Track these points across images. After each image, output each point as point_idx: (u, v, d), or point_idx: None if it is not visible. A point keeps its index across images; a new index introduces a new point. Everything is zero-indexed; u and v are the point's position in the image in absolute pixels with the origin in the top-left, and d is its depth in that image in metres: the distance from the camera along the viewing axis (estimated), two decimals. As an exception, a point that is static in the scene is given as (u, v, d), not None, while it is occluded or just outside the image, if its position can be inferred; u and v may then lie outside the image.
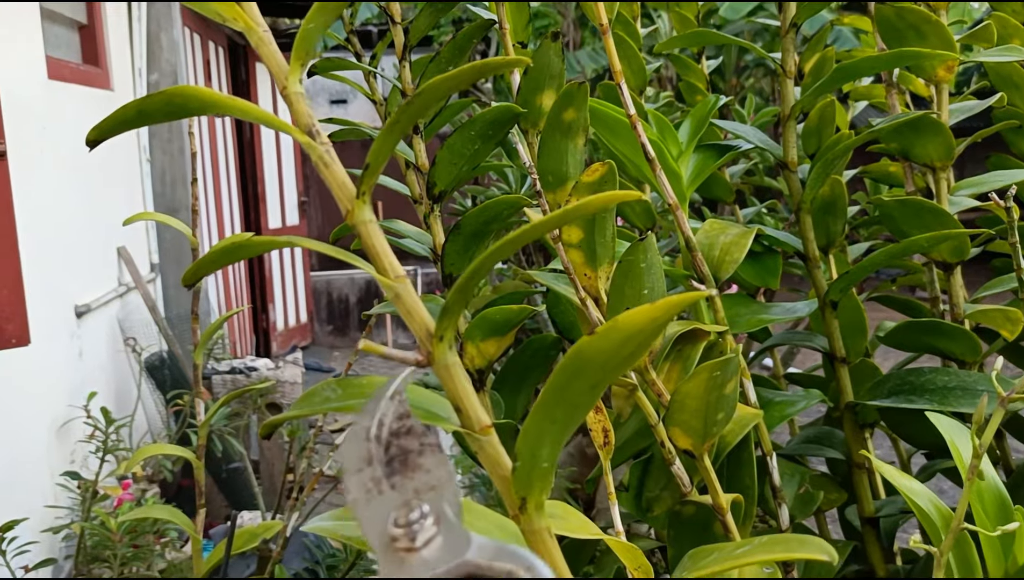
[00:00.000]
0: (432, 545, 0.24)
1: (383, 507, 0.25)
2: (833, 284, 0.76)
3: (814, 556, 0.31)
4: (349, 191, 0.33)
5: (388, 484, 0.26)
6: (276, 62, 0.33)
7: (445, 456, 0.26)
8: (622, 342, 0.29)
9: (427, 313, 0.33)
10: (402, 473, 0.26)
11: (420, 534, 0.24)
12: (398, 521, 0.25)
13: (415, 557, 0.24)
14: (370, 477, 0.26)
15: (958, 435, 0.58)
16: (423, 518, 0.25)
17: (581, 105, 0.62)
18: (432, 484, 0.26)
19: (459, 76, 0.32)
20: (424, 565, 0.24)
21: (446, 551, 0.24)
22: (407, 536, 0.24)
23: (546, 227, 0.32)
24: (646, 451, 0.72)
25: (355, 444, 0.26)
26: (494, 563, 0.24)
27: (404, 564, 0.24)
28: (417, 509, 0.25)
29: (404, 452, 0.26)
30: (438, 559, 0.24)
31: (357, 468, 0.26)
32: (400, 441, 0.26)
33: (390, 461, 0.26)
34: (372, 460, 0.26)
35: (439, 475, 0.26)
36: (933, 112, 0.79)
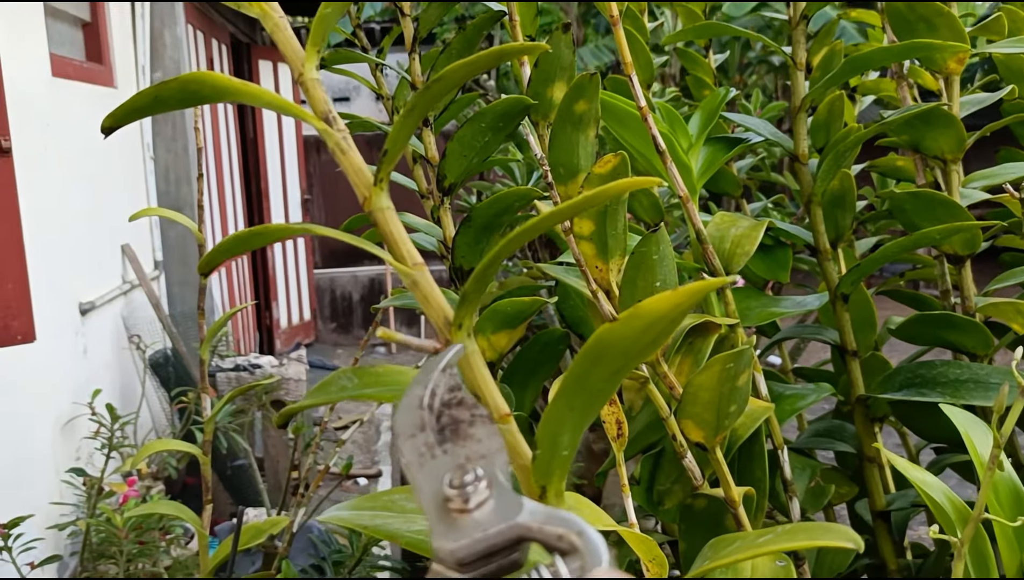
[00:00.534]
0: (484, 507, 0.25)
1: (436, 470, 0.26)
2: (844, 277, 0.76)
3: (838, 543, 0.30)
4: (366, 178, 0.33)
5: (441, 450, 0.26)
6: (292, 48, 0.33)
7: (496, 427, 0.27)
8: (644, 329, 0.29)
9: (445, 301, 0.33)
10: (454, 441, 0.26)
11: (473, 496, 0.25)
12: (452, 482, 0.25)
13: (467, 518, 0.25)
14: (423, 442, 0.26)
15: (972, 428, 0.58)
16: (477, 481, 0.25)
17: (592, 97, 0.61)
18: (483, 453, 0.26)
19: (477, 61, 0.32)
20: (476, 526, 0.24)
21: (498, 513, 0.25)
22: (461, 497, 0.25)
23: (565, 214, 0.31)
24: (656, 445, 0.72)
25: (408, 411, 0.27)
26: (545, 527, 0.24)
27: (456, 524, 0.24)
28: (472, 472, 0.25)
29: (455, 422, 0.27)
30: (490, 521, 0.24)
31: (410, 433, 0.26)
32: (452, 411, 0.27)
33: (442, 429, 0.26)
34: (425, 426, 0.26)
35: (490, 445, 0.26)
36: (944, 104, 0.78)
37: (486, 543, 0.24)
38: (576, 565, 0.23)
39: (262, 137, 5.58)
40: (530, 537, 0.24)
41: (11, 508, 1.74)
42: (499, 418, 0.32)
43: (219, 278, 4.46)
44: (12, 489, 2.17)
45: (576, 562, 0.23)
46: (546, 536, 0.24)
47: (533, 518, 0.24)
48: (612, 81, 0.92)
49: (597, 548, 0.24)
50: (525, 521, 0.24)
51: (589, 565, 0.23)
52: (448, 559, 0.24)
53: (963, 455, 0.84)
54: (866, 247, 1.13)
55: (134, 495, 2.00)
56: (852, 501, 0.89)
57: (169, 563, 1.96)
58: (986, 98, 0.85)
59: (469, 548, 0.24)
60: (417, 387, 0.28)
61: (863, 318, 0.85)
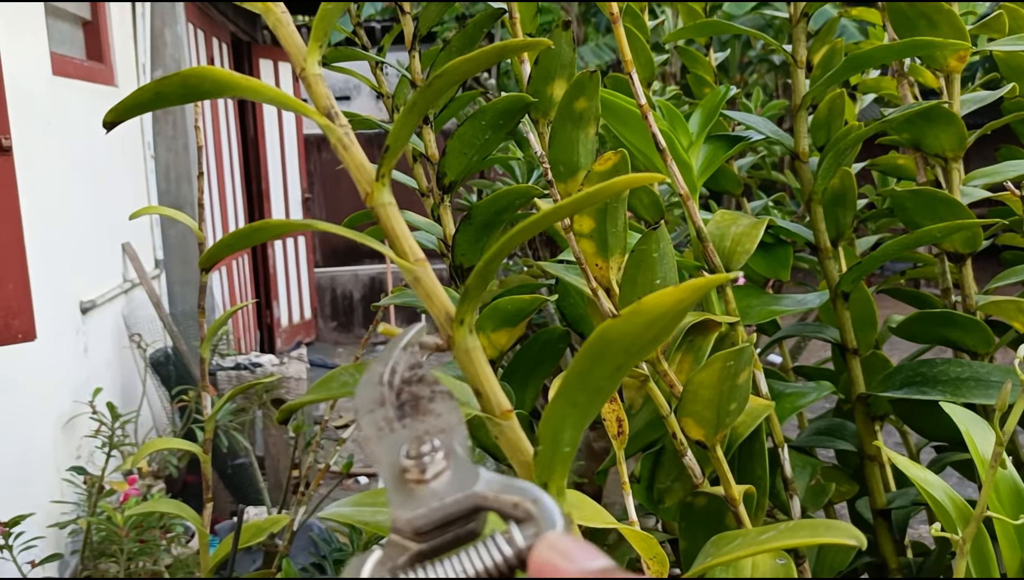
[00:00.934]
0: (442, 478, 0.25)
1: (394, 443, 0.26)
2: (845, 275, 0.76)
3: (841, 540, 0.30)
4: (368, 174, 0.33)
5: (400, 424, 0.26)
6: (294, 43, 0.33)
7: (456, 402, 0.27)
8: (647, 325, 0.29)
9: (447, 297, 0.33)
10: (413, 415, 0.27)
11: (430, 467, 0.25)
12: (409, 453, 0.25)
13: (425, 488, 0.25)
14: (382, 417, 0.27)
15: (973, 426, 0.58)
16: (433, 451, 0.25)
17: (592, 94, 0.61)
18: (442, 427, 0.26)
19: (479, 57, 0.32)
20: (433, 496, 0.25)
21: (455, 484, 0.25)
22: (418, 467, 0.25)
23: (567, 210, 0.31)
24: (656, 443, 0.72)
25: (369, 387, 0.27)
26: (501, 495, 0.25)
27: (413, 495, 0.25)
28: (428, 443, 0.26)
29: (415, 398, 0.27)
30: (447, 491, 0.25)
31: (369, 409, 0.27)
32: (412, 388, 0.27)
33: (402, 405, 0.27)
34: (384, 402, 0.27)
35: (450, 419, 0.27)
36: (945, 102, 0.78)
37: (443, 512, 0.24)
38: (531, 532, 0.24)
39: (263, 136, 5.58)
40: (486, 506, 0.25)
41: (12, 506, 1.74)
42: (501, 414, 0.32)
43: (220, 277, 4.46)
44: (13, 487, 2.17)
45: (531, 529, 0.24)
46: (502, 504, 0.25)
47: (489, 487, 0.25)
48: (612, 79, 0.92)
49: (552, 514, 0.24)
50: (481, 490, 0.25)
51: (544, 531, 0.23)
52: (405, 528, 0.24)
53: (963, 454, 0.84)
54: (866, 246, 1.13)
55: (135, 493, 2.00)
56: (852, 500, 0.88)
57: (170, 561, 1.96)
58: (987, 96, 0.85)
59: (426, 517, 0.24)
60: (378, 365, 0.28)
61: (864, 316, 0.85)
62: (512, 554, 0.23)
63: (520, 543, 0.24)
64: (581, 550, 0.22)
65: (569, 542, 0.23)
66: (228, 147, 4.85)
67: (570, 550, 0.22)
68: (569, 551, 0.22)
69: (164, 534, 1.94)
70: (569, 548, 0.22)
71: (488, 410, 0.33)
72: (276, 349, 5.62)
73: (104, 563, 1.95)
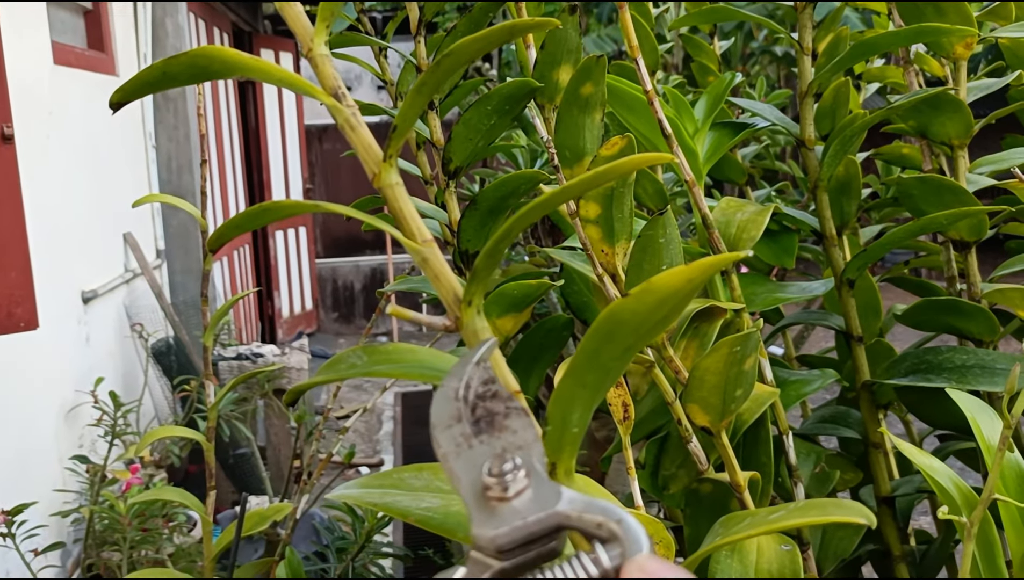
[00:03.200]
0: (523, 496, 0.25)
1: (473, 460, 0.26)
2: (850, 262, 0.75)
3: (852, 519, 0.30)
4: (376, 154, 0.32)
5: (477, 440, 0.26)
6: (301, 24, 0.33)
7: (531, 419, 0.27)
8: (657, 304, 0.29)
9: (455, 278, 0.32)
10: (489, 432, 0.27)
11: (513, 484, 0.25)
12: (492, 471, 0.25)
13: (506, 506, 0.25)
14: (460, 433, 0.27)
15: (979, 413, 0.58)
16: (516, 470, 0.25)
17: (599, 80, 0.61)
18: (519, 443, 0.26)
19: (489, 36, 0.32)
20: (515, 514, 0.25)
21: (536, 502, 0.25)
22: (500, 485, 0.25)
23: (576, 190, 0.31)
24: (661, 429, 0.72)
25: (444, 402, 0.27)
26: (584, 515, 0.24)
27: (496, 513, 0.25)
28: (510, 461, 0.25)
29: (491, 414, 0.27)
30: (528, 509, 0.25)
31: (447, 424, 0.27)
32: (487, 403, 0.27)
33: (477, 420, 0.27)
34: (461, 418, 0.27)
35: (526, 436, 0.27)
36: (952, 89, 0.78)
37: (525, 531, 0.24)
38: (616, 552, 0.23)
39: (264, 126, 5.57)
40: (569, 525, 0.25)
41: (15, 495, 1.74)
42: (509, 395, 0.32)
43: (221, 267, 4.46)
44: (16, 476, 2.17)
45: (616, 549, 0.24)
46: (585, 524, 0.24)
47: (572, 506, 0.25)
48: (617, 67, 0.92)
49: (638, 535, 0.24)
50: (564, 509, 0.25)
51: (629, 552, 0.23)
52: (488, 546, 0.24)
53: (967, 442, 0.84)
54: (870, 235, 1.13)
55: (137, 482, 2.01)
56: (856, 488, 0.88)
57: (172, 550, 1.96)
58: (993, 84, 0.85)
59: (508, 536, 0.24)
60: (452, 379, 0.28)
61: (868, 304, 0.85)
62: (598, 574, 0.23)
63: (606, 564, 0.23)
64: (671, 571, 0.22)
65: (660, 564, 0.23)
66: (229, 137, 4.84)
67: (662, 572, 0.22)
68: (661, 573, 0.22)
69: (167, 523, 1.94)
70: (660, 571, 0.22)
71: (497, 391, 0.32)
72: (277, 340, 5.62)
73: (107, 551, 1.95)
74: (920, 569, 0.80)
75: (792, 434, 0.74)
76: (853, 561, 0.84)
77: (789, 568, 0.54)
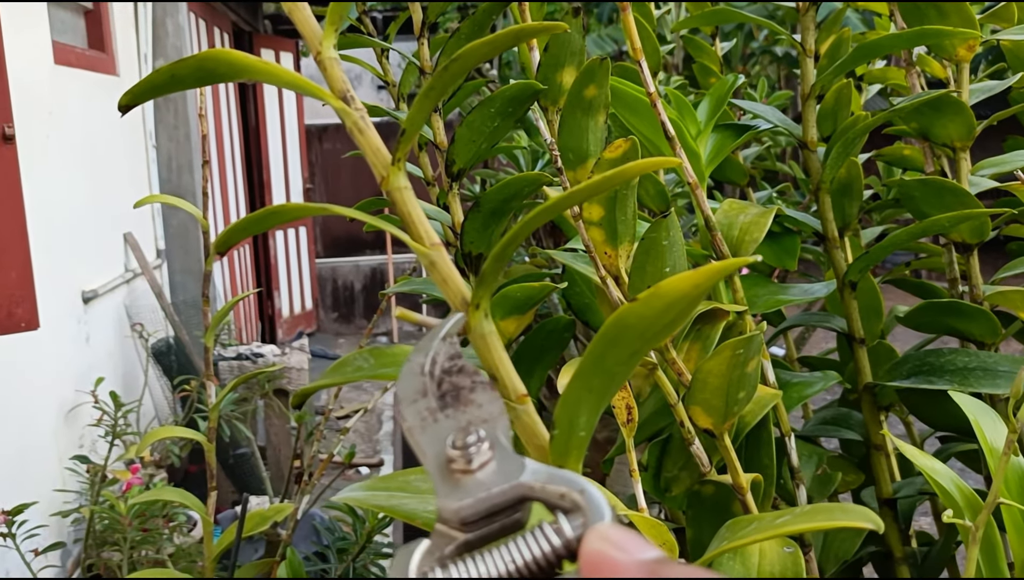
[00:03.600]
0: (487, 468, 0.25)
1: (438, 434, 0.26)
2: (853, 264, 0.76)
3: (858, 524, 0.30)
4: (384, 157, 0.33)
5: (443, 414, 0.27)
6: (310, 27, 0.33)
7: (497, 393, 0.27)
8: (664, 309, 0.29)
9: (463, 282, 0.32)
10: (455, 406, 0.27)
11: (476, 457, 0.25)
12: (456, 443, 0.25)
13: (471, 479, 0.25)
14: (425, 407, 0.27)
15: (982, 415, 0.58)
16: (480, 442, 0.25)
17: (603, 82, 0.61)
18: (484, 417, 0.27)
19: (496, 41, 0.32)
20: (479, 486, 0.25)
21: (500, 474, 0.25)
22: (464, 458, 0.25)
23: (583, 195, 0.31)
24: (663, 431, 0.72)
25: (410, 377, 0.27)
26: (547, 486, 0.25)
27: (460, 485, 0.25)
28: (474, 434, 0.26)
29: (456, 388, 0.27)
30: (493, 481, 0.25)
31: (412, 399, 0.27)
32: (453, 378, 0.27)
33: (443, 395, 0.27)
34: (427, 392, 0.27)
35: (491, 409, 0.27)
36: (954, 91, 0.78)
37: (489, 502, 0.25)
38: (579, 522, 0.24)
39: (264, 125, 5.57)
40: (533, 496, 0.25)
41: (15, 495, 1.74)
42: (517, 398, 0.32)
43: (221, 267, 4.46)
44: (16, 476, 2.17)
45: (579, 519, 0.24)
46: (548, 495, 0.25)
47: (535, 478, 0.25)
48: (620, 68, 0.92)
49: (600, 505, 0.24)
50: (528, 480, 0.25)
51: (592, 521, 0.23)
52: (452, 518, 0.25)
53: (968, 444, 0.84)
54: (871, 236, 1.13)
55: (137, 482, 2.01)
56: (857, 489, 0.89)
57: (172, 550, 1.96)
58: (995, 86, 0.85)
59: (473, 507, 0.24)
60: (418, 355, 0.28)
61: (870, 306, 0.85)
62: (561, 544, 0.23)
63: (568, 533, 0.24)
64: (634, 541, 0.22)
65: (621, 533, 0.23)
66: (229, 136, 4.84)
67: (623, 541, 0.22)
68: (622, 542, 0.22)
69: (167, 523, 1.94)
70: (622, 539, 0.22)
71: (504, 394, 0.33)
72: (277, 339, 5.62)
73: (107, 552, 1.95)
74: (921, 571, 0.81)
75: (794, 436, 0.74)
76: (855, 563, 0.84)
77: (791, 570, 0.54)
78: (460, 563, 0.24)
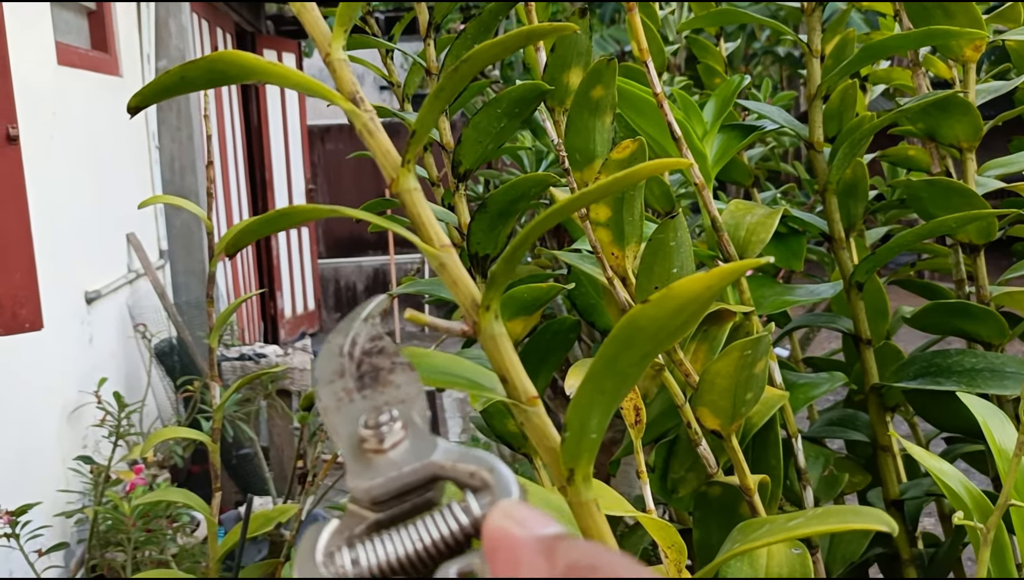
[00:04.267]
0: (399, 448, 0.25)
1: (353, 414, 0.26)
2: (859, 265, 0.75)
3: (873, 526, 0.30)
4: (394, 159, 0.32)
5: (360, 395, 0.26)
6: (320, 29, 0.33)
7: (416, 374, 0.27)
8: (676, 310, 0.29)
9: (473, 283, 0.32)
10: (373, 387, 0.27)
11: (388, 436, 0.25)
12: (367, 423, 0.25)
13: (383, 458, 0.25)
14: (341, 388, 0.27)
15: (990, 416, 0.58)
16: (392, 421, 0.25)
17: (609, 83, 0.61)
18: (402, 398, 0.26)
19: (506, 42, 0.32)
20: (391, 465, 0.25)
21: (413, 453, 0.25)
22: (376, 437, 0.25)
23: (594, 196, 0.31)
24: (669, 432, 0.72)
25: (328, 358, 0.27)
26: (458, 464, 0.25)
27: (371, 465, 0.25)
28: (387, 413, 0.25)
29: (376, 369, 0.27)
30: (405, 460, 0.25)
31: (329, 380, 0.27)
32: (372, 359, 0.27)
33: (362, 376, 0.27)
34: (344, 373, 0.27)
35: (409, 390, 0.27)
36: (961, 91, 0.78)
37: (400, 482, 0.24)
38: (486, 501, 0.24)
39: (266, 126, 5.57)
40: (443, 475, 0.25)
41: (18, 495, 1.74)
42: (527, 400, 0.32)
43: (224, 268, 4.46)
44: (19, 477, 2.17)
45: (487, 497, 0.24)
46: (458, 474, 0.25)
47: (447, 456, 0.25)
48: (625, 68, 0.92)
49: (508, 483, 0.24)
50: (439, 459, 0.25)
51: (500, 499, 0.23)
52: (363, 498, 0.24)
53: (975, 445, 0.84)
54: (876, 237, 1.13)
55: (141, 483, 2.01)
56: (863, 491, 0.88)
57: (176, 551, 1.96)
58: (1002, 86, 0.84)
59: (383, 487, 0.24)
60: (338, 336, 0.28)
61: (876, 307, 0.85)
62: (468, 523, 0.23)
63: (476, 512, 0.23)
64: (535, 517, 0.22)
65: (523, 509, 0.22)
66: (232, 137, 4.85)
67: (524, 517, 0.22)
68: (523, 518, 0.22)
69: (170, 523, 1.94)
70: (523, 515, 0.22)
71: (514, 396, 0.32)
72: (280, 340, 5.62)
73: (110, 552, 1.95)
74: (928, 572, 0.80)
75: (801, 437, 0.74)
76: (861, 564, 0.83)
77: (799, 571, 0.54)
78: (368, 542, 0.24)
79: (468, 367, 0.37)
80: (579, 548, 0.21)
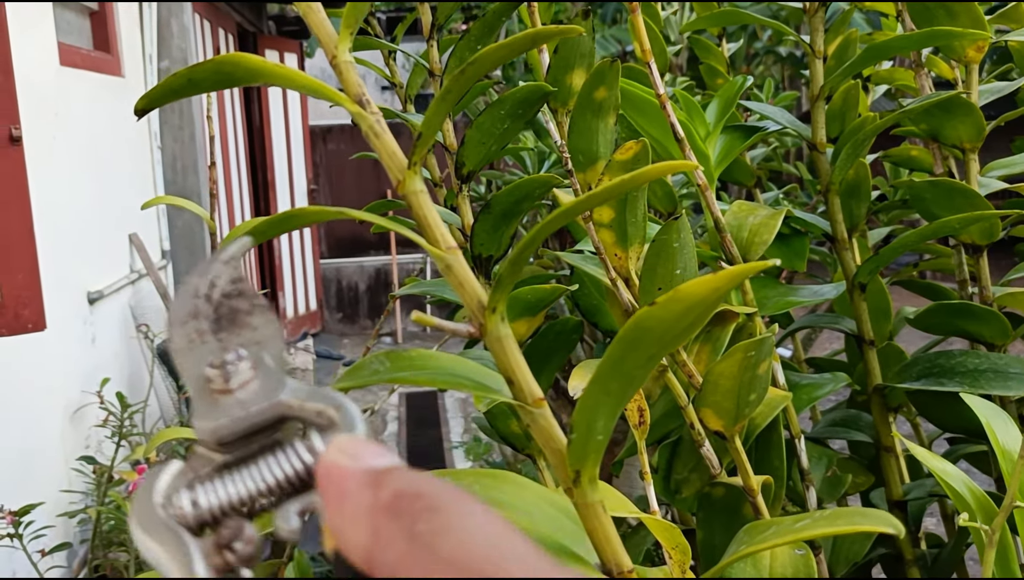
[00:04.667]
0: (248, 387, 0.24)
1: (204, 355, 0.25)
2: (862, 266, 0.75)
3: (879, 529, 0.30)
4: (400, 161, 0.33)
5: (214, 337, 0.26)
6: (326, 31, 0.33)
7: (275, 317, 0.26)
8: (683, 312, 0.29)
9: (479, 285, 0.32)
10: (229, 329, 0.26)
11: (235, 376, 0.24)
12: (213, 363, 0.25)
13: (230, 398, 0.24)
14: (195, 329, 0.26)
15: (994, 417, 0.58)
16: (239, 360, 0.25)
17: (612, 84, 0.61)
18: (258, 339, 0.26)
19: (512, 44, 0.32)
20: (238, 405, 0.24)
21: (261, 393, 0.24)
22: (222, 376, 0.24)
23: (600, 198, 0.31)
24: (672, 433, 0.72)
25: (184, 300, 0.26)
26: (306, 403, 0.24)
27: (218, 405, 0.24)
28: (233, 352, 0.25)
29: (234, 311, 0.26)
30: (252, 400, 0.24)
31: (183, 321, 0.26)
32: (231, 301, 0.26)
33: (219, 318, 0.26)
34: (199, 314, 0.26)
35: (266, 332, 0.26)
36: (963, 92, 0.78)
37: (247, 422, 0.24)
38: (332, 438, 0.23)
39: (268, 126, 5.58)
40: (291, 415, 0.24)
41: (21, 496, 1.74)
42: (533, 402, 0.32)
43: (225, 268, 4.46)
44: (22, 477, 2.18)
45: (332, 435, 0.23)
46: (306, 413, 0.24)
47: (295, 395, 0.24)
48: (628, 69, 0.92)
49: (354, 420, 0.23)
50: (287, 399, 0.24)
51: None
52: (208, 439, 0.24)
53: (977, 445, 0.84)
54: (878, 237, 1.13)
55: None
56: (866, 491, 0.88)
57: (178, 551, 1.96)
58: (1005, 87, 0.85)
59: (229, 427, 0.24)
60: (195, 277, 0.27)
61: (879, 308, 0.85)
62: (312, 461, 0.23)
63: (320, 450, 0.23)
64: (369, 450, 0.22)
65: (358, 444, 0.22)
66: (234, 137, 4.85)
67: (357, 451, 0.22)
68: (356, 452, 0.22)
69: (173, 524, 1.94)
70: (357, 449, 0.22)
71: (520, 398, 0.33)
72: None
73: (113, 552, 1.96)
74: (931, 572, 0.80)
75: (804, 437, 0.74)
76: (864, 564, 0.83)
77: (803, 572, 0.54)
78: (209, 484, 0.23)
79: (473, 368, 0.37)
80: (406, 477, 0.20)
